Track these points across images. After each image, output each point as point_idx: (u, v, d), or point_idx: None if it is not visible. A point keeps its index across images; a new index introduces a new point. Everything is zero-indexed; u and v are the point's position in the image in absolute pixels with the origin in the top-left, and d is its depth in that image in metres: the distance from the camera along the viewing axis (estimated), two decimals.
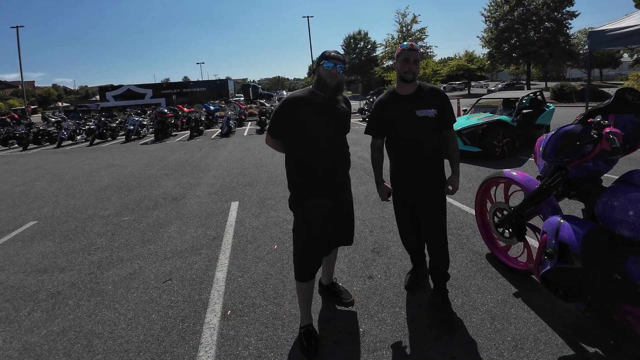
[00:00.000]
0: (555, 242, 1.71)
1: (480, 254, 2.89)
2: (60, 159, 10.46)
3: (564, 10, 27.85)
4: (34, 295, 2.73)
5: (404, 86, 2.16)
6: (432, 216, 2.25)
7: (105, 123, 15.09)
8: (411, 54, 2.09)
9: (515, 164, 5.88)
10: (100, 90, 37.20)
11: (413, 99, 2.14)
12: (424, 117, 2.10)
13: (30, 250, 3.64)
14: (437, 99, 2.15)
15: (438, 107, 2.13)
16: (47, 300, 2.65)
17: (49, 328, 2.29)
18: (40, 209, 5.16)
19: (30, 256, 3.50)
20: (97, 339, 2.15)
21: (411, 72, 2.09)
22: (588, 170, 1.85)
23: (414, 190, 2.23)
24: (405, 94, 2.17)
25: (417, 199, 2.25)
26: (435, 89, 2.21)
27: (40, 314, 2.47)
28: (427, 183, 2.20)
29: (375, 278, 2.63)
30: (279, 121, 1.88)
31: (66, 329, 2.27)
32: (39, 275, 3.06)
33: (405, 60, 2.09)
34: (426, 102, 2.12)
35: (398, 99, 2.18)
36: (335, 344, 1.96)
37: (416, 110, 2.11)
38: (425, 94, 2.15)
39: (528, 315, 2.10)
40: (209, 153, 9.57)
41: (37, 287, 2.85)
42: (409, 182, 2.25)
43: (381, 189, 2.31)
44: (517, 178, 2.50)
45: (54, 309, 2.53)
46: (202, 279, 2.78)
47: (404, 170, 2.25)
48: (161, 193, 5.59)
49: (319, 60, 1.86)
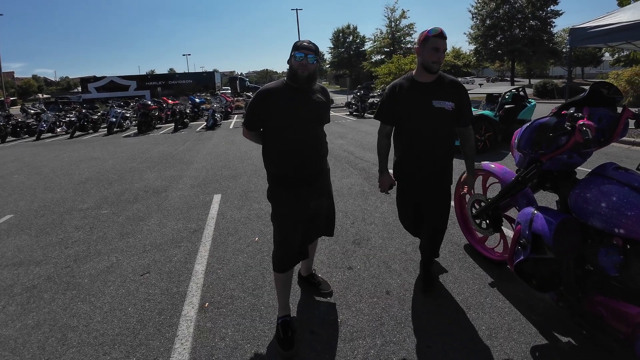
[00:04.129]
0: (528, 232, 1.74)
1: (458, 244, 2.96)
2: (39, 151, 10.13)
3: (548, 9, 28.29)
4: (8, 289, 2.66)
5: (425, 75, 2.07)
6: (435, 212, 2.23)
7: (87, 115, 14.65)
8: (441, 43, 1.97)
9: (496, 158, 6.01)
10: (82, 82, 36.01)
11: (431, 89, 2.05)
12: (440, 109, 2.02)
13: (5, 244, 3.54)
14: (457, 92, 2.07)
15: (456, 101, 2.05)
16: (22, 294, 2.59)
17: (24, 321, 2.25)
18: (17, 203, 5.00)
19: (5, 250, 3.41)
20: (72, 332, 2.12)
21: (439, 62, 1.99)
22: (562, 162, 1.87)
23: (419, 184, 2.19)
24: (424, 82, 2.08)
25: (421, 193, 2.21)
26: (456, 81, 2.13)
27: (14, 308, 2.41)
28: (433, 178, 2.16)
29: (355, 269, 2.66)
30: (253, 113, 1.88)
31: (41, 323, 2.23)
32: (14, 269, 2.99)
33: (435, 50, 1.97)
34: (445, 94, 2.04)
35: (415, 87, 2.09)
36: (312, 334, 1.99)
37: (433, 100, 2.02)
38: (445, 85, 2.06)
39: (503, 305, 2.16)
40: (194, 146, 9.43)
41: (12, 281, 2.78)
42: (414, 175, 2.19)
43: (384, 178, 2.24)
44: (495, 170, 2.56)
45: (28, 302, 2.47)
46: (181, 272, 2.76)
47: (410, 163, 2.18)
48: (142, 186, 5.50)
49: (292, 50, 1.84)
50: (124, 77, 34.81)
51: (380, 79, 23.53)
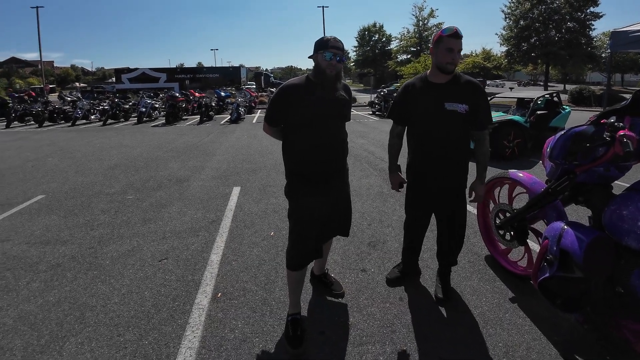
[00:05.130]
0: (556, 249, 1.64)
1: (479, 255, 2.83)
2: (73, 137, 10.65)
3: (587, 11, 26.67)
4: (34, 266, 2.80)
5: (439, 75, 1.99)
6: (450, 220, 2.16)
7: (119, 104, 15.26)
8: (456, 43, 1.88)
9: (525, 166, 5.75)
10: (116, 73, 37.51)
11: (444, 90, 1.97)
12: (452, 112, 1.93)
13: (35, 223, 3.73)
14: (472, 93, 1.96)
15: (471, 103, 1.94)
16: (47, 271, 2.72)
17: (45, 298, 2.35)
18: (50, 184, 5.27)
19: (35, 228, 3.59)
20: (90, 311, 2.20)
21: (454, 63, 1.91)
22: (598, 175, 1.74)
23: (429, 188, 2.12)
24: (438, 82, 1.99)
25: (433, 199, 2.14)
26: (472, 82, 2.02)
27: (38, 284, 2.53)
28: (446, 184, 2.08)
29: (369, 272, 2.60)
30: (274, 109, 1.85)
31: (61, 300, 2.32)
32: (41, 247, 3.14)
33: (449, 50, 1.88)
34: (458, 95, 1.94)
35: (428, 87, 2.01)
36: (322, 335, 1.95)
37: (445, 102, 1.94)
38: (460, 86, 1.97)
39: (523, 322, 2.03)
40: (217, 138, 9.62)
41: (39, 259, 2.93)
42: (425, 178, 2.12)
43: (394, 177, 2.21)
44: (523, 179, 2.41)
45: (52, 280, 2.59)
46: (197, 260, 2.81)
47: (421, 166, 2.11)
48: (166, 174, 5.65)
49: (319, 47, 1.78)
50: (155, 70, 35.97)
51: (405, 78, 23.17)
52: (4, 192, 4.92)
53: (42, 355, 1.84)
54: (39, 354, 1.85)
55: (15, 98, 16.31)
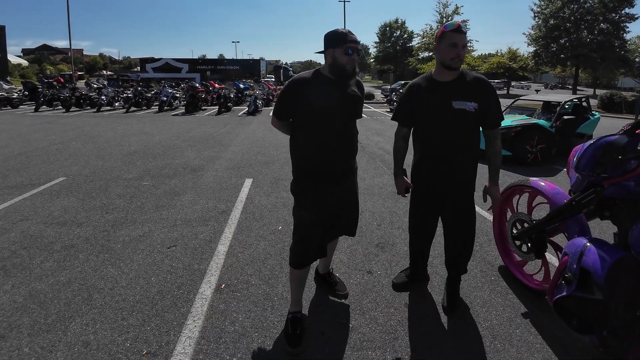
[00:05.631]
0: (576, 267, 1.54)
1: (492, 264, 2.70)
2: (98, 122, 10.98)
3: (622, 12, 25.22)
4: (49, 246, 2.89)
5: (445, 73, 1.92)
6: (458, 225, 2.08)
7: (142, 92, 15.66)
8: (460, 38, 1.82)
9: (547, 174, 5.50)
10: (141, 62, 38.51)
11: (451, 88, 1.90)
12: (460, 110, 1.86)
13: (54, 204, 3.86)
14: (481, 91, 1.89)
15: (480, 101, 1.87)
16: (61, 251, 2.80)
17: (57, 278, 2.42)
18: (71, 167, 5.45)
19: (53, 209, 3.71)
20: (98, 293, 2.24)
21: (459, 58, 1.83)
22: (628, 190, 1.62)
23: (437, 193, 2.04)
24: (444, 80, 1.93)
25: (438, 202, 2.06)
26: (480, 79, 1.94)
27: (51, 264, 2.61)
28: (454, 187, 2.00)
29: (375, 274, 2.54)
30: (283, 103, 1.81)
31: (72, 280, 2.38)
32: (58, 228, 3.24)
33: (453, 45, 1.82)
34: (466, 93, 1.87)
35: (434, 86, 1.95)
36: (322, 335, 1.92)
37: (453, 100, 1.87)
38: (467, 84, 1.90)
39: (534, 340, 1.92)
40: (233, 129, 9.70)
41: (54, 239, 3.02)
42: (431, 181, 2.04)
43: (399, 182, 2.09)
44: (545, 189, 2.27)
45: (65, 260, 2.66)
46: (204, 250, 2.82)
47: (428, 168, 2.03)
48: (182, 163, 5.74)
49: (335, 41, 1.70)
50: (178, 60, 36.67)
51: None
52: (28, 172, 5.11)
53: (48, 334, 1.89)
54: (45, 332, 1.90)
55: (45, 83, 16.92)
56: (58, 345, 1.81)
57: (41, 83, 17.83)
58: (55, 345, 1.81)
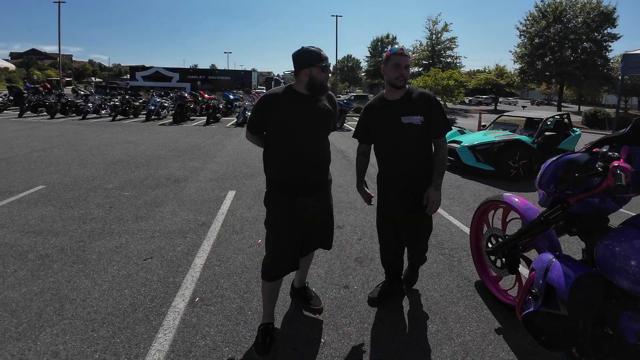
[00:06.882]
0: (542, 282, 1.54)
1: (469, 280, 2.72)
2: (82, 130, 10.86)
3: (604, 32, 26.44)
4: (24, 255, 2.85)
5: (393, 92, 2.12)
6: (412, 232, 2.23)
7: (129, 101, 15.57)
8: (402, 59, 2.04)
9: (528, 189, 5.65)
10: (131, 70, 38.30)
11: (400, 105, 2.10)
12: (408, 124, 2.06)
13: (32, 212, 3.81)
14: (425, 104, 2.07)
15: (425, 114, 2.06)
16: (35, 260, 2.77)
17: (29, 287, 2.40)
18: (52, 175, 5.38)
19: (30, 217, 3.66)
20: (70, 304, 2.23)
21: (402, 77, 2.05)
22: (593, 206, 1.62)
23: (394, 202, 2.20)
24: (393, 99, 2.13)
25: (397, 211, 2.21)
26: (424, 94, 2.13)
27: (24, 273, 2.58)
28: (407, 196, 2.14)
29: (351, 289, 2.54)
30: (255, 117, 1.89)
31: (44, 290, 2.37)
32: (33, 237, 3.20)
33: (396, 66, 2.04)
34: (412, 108, 2.07)
35: (385, 105, 2.16)
36: (293, 351, 1.92)
37: (402, 116, 2.06)
38: (413, 100, 2.09)
39: (506, 356, 1.92)
40: (220, 140, 9.73)
41: (29, 248, 2.98)
42: (389, 192, 2.22)
43: (361, 192, 2.33)
44: (517, 204, 2.31)
45: (38, 269, 2.64)
46: (181, 262, 2.83)
47: (386, 180, 2.24)
48: (165, 174, 5.73)
49: (310, 61, 1.80)
50: (169, 69, 36.63)
51: None
52: (7, 180, 5.03)
53: (18, 342, 1.88)
54: (15, 340, 1.90)
55: (31, 89, 16.70)
56: (27, 354, 1.81)
57: (27, 88, 17.58)
58: (24, 354, 1.81)
